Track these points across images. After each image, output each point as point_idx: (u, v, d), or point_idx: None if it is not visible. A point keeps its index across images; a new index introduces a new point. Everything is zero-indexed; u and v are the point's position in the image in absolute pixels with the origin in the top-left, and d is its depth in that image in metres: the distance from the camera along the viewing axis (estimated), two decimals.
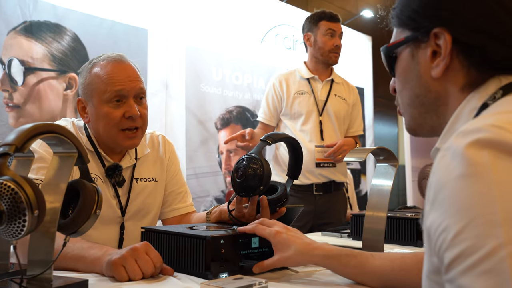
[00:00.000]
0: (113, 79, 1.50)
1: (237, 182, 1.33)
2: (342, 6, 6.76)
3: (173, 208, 1.71)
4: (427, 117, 0.82)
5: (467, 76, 0.74)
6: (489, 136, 0.55)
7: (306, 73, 2.85)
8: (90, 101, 1.53)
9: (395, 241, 1.73)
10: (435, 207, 0.58)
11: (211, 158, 3.73)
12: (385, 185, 1.34)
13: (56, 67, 2.92)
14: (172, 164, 1.74)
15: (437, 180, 0.59)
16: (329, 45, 2.80)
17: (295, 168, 1.51)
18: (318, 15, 2.85)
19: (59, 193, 0.97)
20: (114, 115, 1.50)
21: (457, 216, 0.54)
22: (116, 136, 1.52)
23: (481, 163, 0.54)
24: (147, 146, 1.69)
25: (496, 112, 0.66)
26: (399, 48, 0.83)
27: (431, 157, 0.79)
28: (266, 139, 1.38)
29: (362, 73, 5.53)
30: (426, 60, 0.78)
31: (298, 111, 2.78)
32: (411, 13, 0.80)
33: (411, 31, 0.80)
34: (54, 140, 0.95)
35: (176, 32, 3.59)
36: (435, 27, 0.75)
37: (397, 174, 4.24)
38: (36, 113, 2.82)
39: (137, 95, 1.54)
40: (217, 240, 1.10)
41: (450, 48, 0.74)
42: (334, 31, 2.82)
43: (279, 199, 1.40)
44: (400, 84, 0.85)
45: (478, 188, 0.53)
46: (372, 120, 5.74)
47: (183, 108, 3.60)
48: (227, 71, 3.88)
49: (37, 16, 2.85)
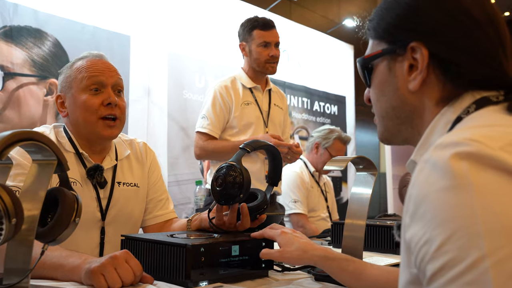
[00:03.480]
0: (92, 69, 1.55)
1: (217, 190, 1.33)
2: (324, 15, 6.83)
3: (154, 215, 1.71)
4: (402, 129, 0.83)
5: (442, 90, 0.76)
6: (468, 149, 0.56)
7: (247, 82, 2.71)
8: (69, 93, 1.56)
9: (375, 248, 1.75)
10: (415, 219, 0.58)
11: (192, 165, 3.72)
12: (364, 193, 1.35)
13: (36, 73, 2.89)
14: (153, 171, 1.74)
15: (417, 193, 0.59)
16: (265, 56, 2.66)
17: (274, 175, 1.52)
18: (251, 23, 2.70)
19: (37, 200, 0.96)
20: (93, 102, 1.52)
21: (439, 228, 0.55)
22: (96, 124, 1.53)
23: (462, 176, 0.55)
24: (127, 148, 1.69)
25: (470, 126, 0.68)
26: (375, 60, 0.84)
27: (407, 169, 0.80)
28: (245, 147, 1.38)
29: (344, 81, 5.59)
30: (403, 73, 0.79)
31: (247, 122, 2.65)
32: (387, 26, 0.81)
33: (388, 44, 0.81)
34: (33, 147, 0.95)
35: (159, 38, 3.59)
36: (412, 41, 0.76)
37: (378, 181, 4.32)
38: (15, 119, 2.78)
39: (115, 86, 1.57)
40: (197, 248, 1.10)
41: (426, 62, 0.75)
42: (267, 41, 2.67)
43: (259, 207, 1.41)
44: (375, 95, 0.86)
45: (459, 200, 0.54)
46: (353, 128, 5.79)
47: (165, 115, 3.59)
48: (210, 78, 3.88)
49: (18, 21, 2.82)
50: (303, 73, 5.04)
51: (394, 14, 0.80)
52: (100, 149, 1.61)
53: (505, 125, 0.65)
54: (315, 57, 5.23)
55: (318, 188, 3.46)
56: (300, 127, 4.98)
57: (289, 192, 3.23)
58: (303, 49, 5.07)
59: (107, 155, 1.62)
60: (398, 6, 0.80)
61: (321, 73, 5.28)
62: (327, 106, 5.39)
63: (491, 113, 0.70)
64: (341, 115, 5.59)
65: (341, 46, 5.67)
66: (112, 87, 1.56)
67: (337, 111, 5.54)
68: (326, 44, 5.47)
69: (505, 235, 0.51)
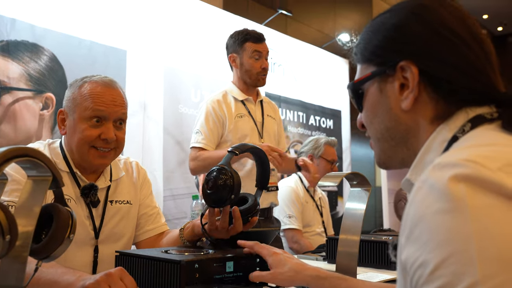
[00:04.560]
0: (98, 100, 1.53)
1: (208, 193, 1.33)
2: (320, 29, 6.89)
3: (146, 230, 1.71)
4: (398, 150, 0.83)
5: (435, 108, 0.76)
6: (466, 171, 0.56)
7: (239, 94, 2.71)
8: (71, 115, 1.56)
9: (370, 264, 1.75)
10: (411, 241, 0.58)
11: (188, 179, 3.71)
12: (358, 208, 1.36)
13: (32, 87, 2.89)
14: (144, 187, 1.75)
15: (414, 213, 0.59)
16: (257, 68, 2.67)
17: (262, 178, 1.53)
18: (243, 35, 2.70)
19: (32, 216, 0.96)
20: (90, 133, 1.52)
21: (434, 251, 0.54)
22: (88, 152, 1.53)
23: (458, 199, 0.55)
24: (121, 170, 1.70)
25: (467, 145, 0.68)
26: (366, 84, 0.84)
27: (402, 187, 0.81)
28: (234, 150, 1.40)
29: (339, 95, 5.61)
30: (395, 93, 0.79)
31: (242, 135, 2.64)
32: (375, 49, 0.82)
33: (376, 66, 0.81)
34: (29, 163, 0.95)
35: (155, 53, 3.60)
36: (401, 61, 0.77)
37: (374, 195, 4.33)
38: (11, 133, 2.78)
39: (117, 119, 1.57)
40: (192, 264, 1.10)
41: (417, 80, 0.75)
42: (260, 52, 2.68)
43: (250, 209, 1.42)
44: (368, 118, 0.86)
45: (455, 224, 0.54)
46: (349, 142, 5.80)
47: (160, 129, 3.60)
48: (206, 92, 3.89)
49: (15, 36, 2.83)
50: (299, 87, 5.06)
51: (381, 36, 0.81)
52: (92, 169, 1.62)
53: (503, 144, 0.65)
54: (311, 71, 5.26)
55: (313, 203, 3.46)
56: (296, 141, 5.00)
57: (284, 207, 3.23)
58: (298, 64, 5.10)
59: (101, 175, 1.63)
60: (384, 28, 0.81)
61: (317, 87, 5.30)
62: (323, 120, 5.41)
63: (487, 132, 0.71)
64: (336, 129, 5.61)
65: (337, 61, 5.71)
66: (113, 121, 1.56)
67: (333, 125, 5.56)
68: (322, 59, 5.51)
69: (499, 263, 0.51)
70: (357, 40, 0.87)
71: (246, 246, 1.21)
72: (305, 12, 6.59)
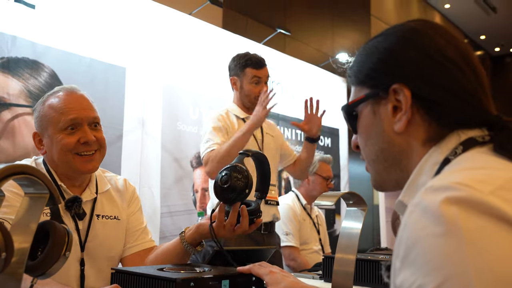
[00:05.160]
0: (66, 108, 1.55)
1: (222, 188, 1.39)
2: (318, 48, 6.95)
3: (131, 245, 1.70)
4: (391, 171, 0.83)
5: (428, 131, 0.77)
6: (459, 194, 0.57)
7: (240, 113, 2.78)
8: (46, 132, 1.57)
9: (367, 283, 1.74)
10: (406, 264, 0.58)
11: (185, 196, 3.71)
12: (354, 228, 1.37)
13: (32, 103, 2.90)
14: (132, 203, 1.76)
15: (408, 237, 0.59)
16: (255, 93, 2.74)
17: (263, 184, 1.56)
18: (244, 61, 2.78)
19: (28, 233, 0.96)
20: (69, 141, 1.54)
21: (430, 275, 0.54)
22: (73, 160, 1.54)
23: (452, 222, 0.55)
24: (107, 183, 1.71)
25: (459, 168, 0.69)
26: (359, 106, 0.85)
27: (395, 209, 0.81)
28: (245, 152, 1.48)
29: (337, 114, 5.61)
30: (388, 115, 0.80)
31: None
32: (368, 71, 0.83)
33: (370, 88, 0.83)
34: (26, 181, 0.96)
35: (154, 70, 3.63)
36: (393, 83, 0.78)
37: (372, 214, 4.31)
38: (9, 149, 2.79)
39: (91, 122, 1.58)
40: (187, 282, 1.10)
41: (410, 103, 0.76)
42: (259, 78, 2.76)
43: (255, 211, 1.49)
44: (363, 140, 0.87)
45: (450, 247, 0.54)
46: (346, 160, 5.81)
47: (158, 146, 3.61)
48: (204, 110, 3.92)
49: (16, 53, 2.85)
50: (297, 106, 5.09)
51: (375, 58, 0.82)
52: (79, 183, 1.63)
53: (495, 168, 0.66)
54: (309, 90, 5.28)
55: (310, 220, 3.46)
56: None
57: (281, 224, 3.23)
58: (296, 82, 5.14)
59: (87, 188, 1.64)
60: (377, 51, 0.82)
61: None
62: (321, 138, 5.42)
63: (479, 155, 0.71)
64: (334, 148, 5.62)
65: (334, 79, 5.75)
66: (88, 124, 1.57)
67: (331, 143, 5.57)
68: (320, 77, 5.55)
69: (496, 285, 0.52)
70: (351, 62, 0.88)
71: (243, 271, 1.22)
72: (304, 31, 6.65)
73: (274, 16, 6.04)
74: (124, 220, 1.70)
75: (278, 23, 5.62)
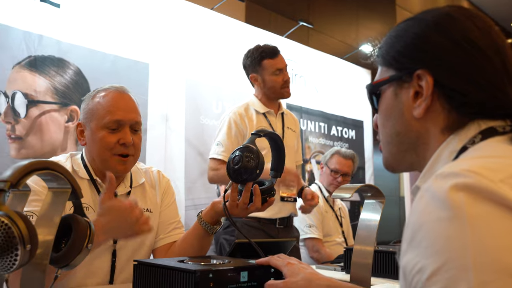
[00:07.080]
0: (113, 107, 1.59)
1: (234, 169, 1.42)
2: (342, 40, 6.89)
3: (161, 237, 1.74)
4: (406, 155, 0.84)
5: (447, 118, 0.77)
6: (467, 181, 0.58)
7: (260, 107, 2.76)
8: (89, 125, 1.61)
9: (388, 275, 1.74)
10: (411, 247, 0.60)
11: (209, 189, 3.75)
12: (372, 219, 1.37)
13: (58, 100, 2.98)
14: (166, 196, 1.79)
15: (415, 221, 0.61)
16: (280, 83, 2.73)
17: (278, 164, 1.58)
18: (259, 54, 2.75)
19: (52, 226, 1.00)
20: (109, 140, 1.58)
21: (432, 258, 0.56)
22: (110, 159, 1.59)
23: (457, 207, 0.56)
24: (142, 176, 1.75)
25: (473, 156, 0.69)
26: (383, 86, 0.85)
27: (412, 194, 0.82)
28: (257, 133, 1.51)
29: (361, 106, 5.60)
30: (409, 100, 0.80)
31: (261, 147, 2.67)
32: (395, 54, 0.83)
33: (395, 71, 0.83)
34: (49, 176, 1.00)
35: (177, 66, 3.67)
36: (418, 69, 0.78)
37: (398, 205, 4.30)
38: (37, 145, 2.87)
39: (133, 126, 1.63)
40: (206, 274, 1.12)
41: (431, 90, 0.77)
42: (279, 69, 2.74)
43: (269, 189, 1.52)
44: (381, 120, 0.87)
45: (453, 232, 0.56)
46: (371, 152, 5.76)
47: (182, 140, 3.65)
48: (227, 104, 3.94)
49: (42, 51, 2.93)
50: (320, 98, 5.07)
51: (403, 42, 0.82)
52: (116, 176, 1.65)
53: (509, 157, 0.66)
54: (332, 82, 5.26)
55: (332, 213, 3.45)
56: (317, 152, 4.99)
57: (304, 217, 3.23)
58: (320, 74, 5.11)
59: (122, 182, 1.67)
60: (406, 35, 0.82)
61: (339, 98, 5.30)
62: (345, 130, 5.40)
63: (496, 144, 0.71)
64: (359, 140, 5.59)
65: (359, 71, 5.70)
66: (130, 127, 1.61)
67: (355, 136, 5.54)
68: (344, 69, 5.51)
69: (493, 270, 0.53)
70: (380, 43, 0.88)
71: (262, 263, 1.24)
72: (328, 23, 6.60)
73: (297, 9, 6.01)
74: (157, 212, 1.74)
75: (301, 16, 5.59)
